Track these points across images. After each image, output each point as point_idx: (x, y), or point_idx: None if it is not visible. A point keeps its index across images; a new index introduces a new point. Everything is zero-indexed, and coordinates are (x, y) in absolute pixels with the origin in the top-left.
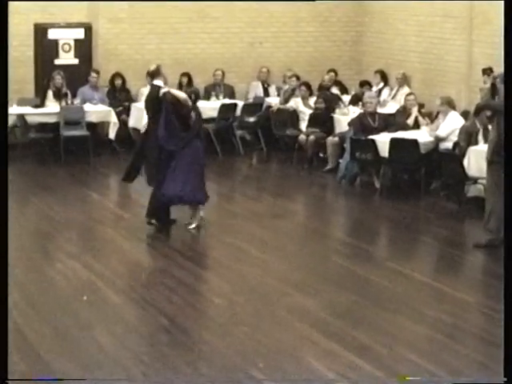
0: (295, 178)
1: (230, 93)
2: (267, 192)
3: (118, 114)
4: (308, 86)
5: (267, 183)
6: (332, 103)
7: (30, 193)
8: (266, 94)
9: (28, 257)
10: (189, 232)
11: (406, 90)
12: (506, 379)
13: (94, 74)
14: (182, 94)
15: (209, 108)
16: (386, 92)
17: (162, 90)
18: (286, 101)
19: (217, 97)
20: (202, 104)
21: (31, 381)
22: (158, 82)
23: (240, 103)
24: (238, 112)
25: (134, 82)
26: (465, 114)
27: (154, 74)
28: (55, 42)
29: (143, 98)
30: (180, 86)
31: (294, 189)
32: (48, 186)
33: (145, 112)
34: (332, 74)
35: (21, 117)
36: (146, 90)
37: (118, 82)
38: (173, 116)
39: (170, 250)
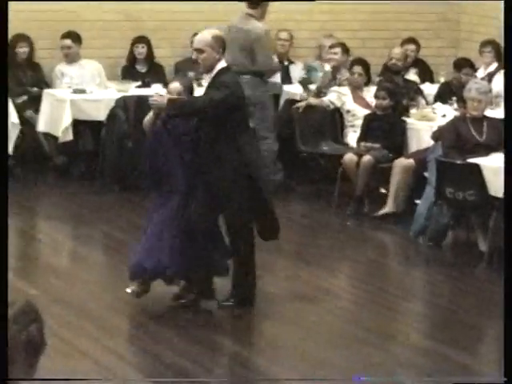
0: (336, 229)
1: None
2: (286, 256)
3: (20, 109)
4: (364, 65)
5: (286, 239)
6: (405, 98)
7: None
8: (287, 78)
9: None
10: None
11: None
12: (506, 379)
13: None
14: None
15: None
16: (500, 80)
17: None
18: (322, 92)
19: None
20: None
21: (31, 381)
22: None
23: None
24: None
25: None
26: None
27: None
28: None
29: (64, 80)
30: (133, 60)
31: (334, 250)
32: None
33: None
34: (409, 46)
35: None
36: (67, 68)
37: (22, 49)
38: None
39: None
